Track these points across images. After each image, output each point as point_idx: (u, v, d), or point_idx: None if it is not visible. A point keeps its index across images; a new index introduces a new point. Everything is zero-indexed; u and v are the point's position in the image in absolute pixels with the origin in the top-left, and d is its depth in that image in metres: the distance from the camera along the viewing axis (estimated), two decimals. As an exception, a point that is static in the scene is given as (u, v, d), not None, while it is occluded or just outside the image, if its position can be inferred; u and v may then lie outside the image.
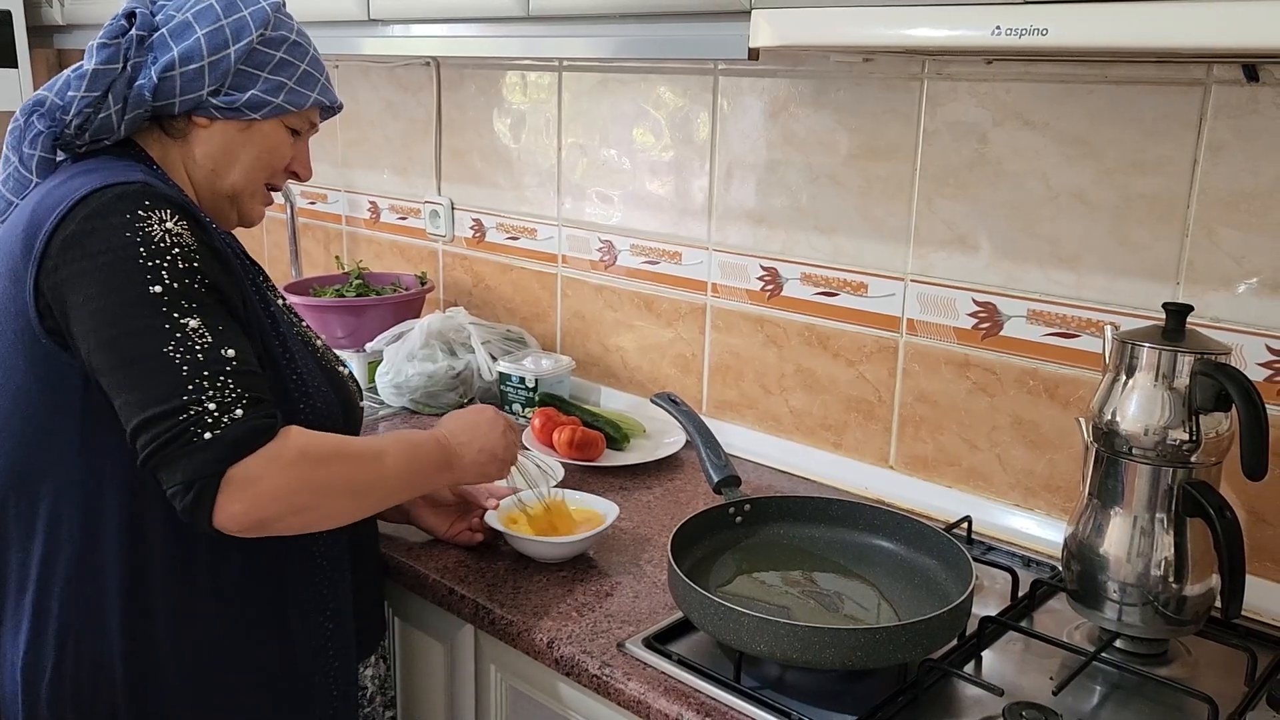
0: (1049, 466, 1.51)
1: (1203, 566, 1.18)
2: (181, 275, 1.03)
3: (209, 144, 1.19)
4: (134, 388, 1.00)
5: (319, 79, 1.24)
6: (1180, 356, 1.15)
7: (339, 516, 1.12)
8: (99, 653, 1.09)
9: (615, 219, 1.99)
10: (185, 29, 1.15)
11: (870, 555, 1.36)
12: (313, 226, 2.68)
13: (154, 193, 1.05)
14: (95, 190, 1.04)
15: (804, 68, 1.66)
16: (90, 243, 1.02)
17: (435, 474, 1.23)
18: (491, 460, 1.28)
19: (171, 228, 1.04)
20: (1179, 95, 1.32)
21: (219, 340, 1.03)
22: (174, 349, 1.00)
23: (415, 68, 2.29)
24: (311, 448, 1.06)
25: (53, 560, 1.08)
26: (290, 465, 1.03)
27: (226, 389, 1.01)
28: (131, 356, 1.00)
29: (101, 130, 1.14)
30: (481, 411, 1.31)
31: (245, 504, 1.00)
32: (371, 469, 1.12)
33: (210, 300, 1.05)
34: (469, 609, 1.32)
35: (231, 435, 0.99)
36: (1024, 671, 1.21)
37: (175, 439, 0.98)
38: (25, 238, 1.05)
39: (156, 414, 0.99)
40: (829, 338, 1.71)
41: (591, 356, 2.08)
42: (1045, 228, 1.46)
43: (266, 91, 1.19)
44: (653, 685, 1.14)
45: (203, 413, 0.99)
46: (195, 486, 0.98)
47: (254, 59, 1.18)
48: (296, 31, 1.23)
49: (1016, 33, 1.04)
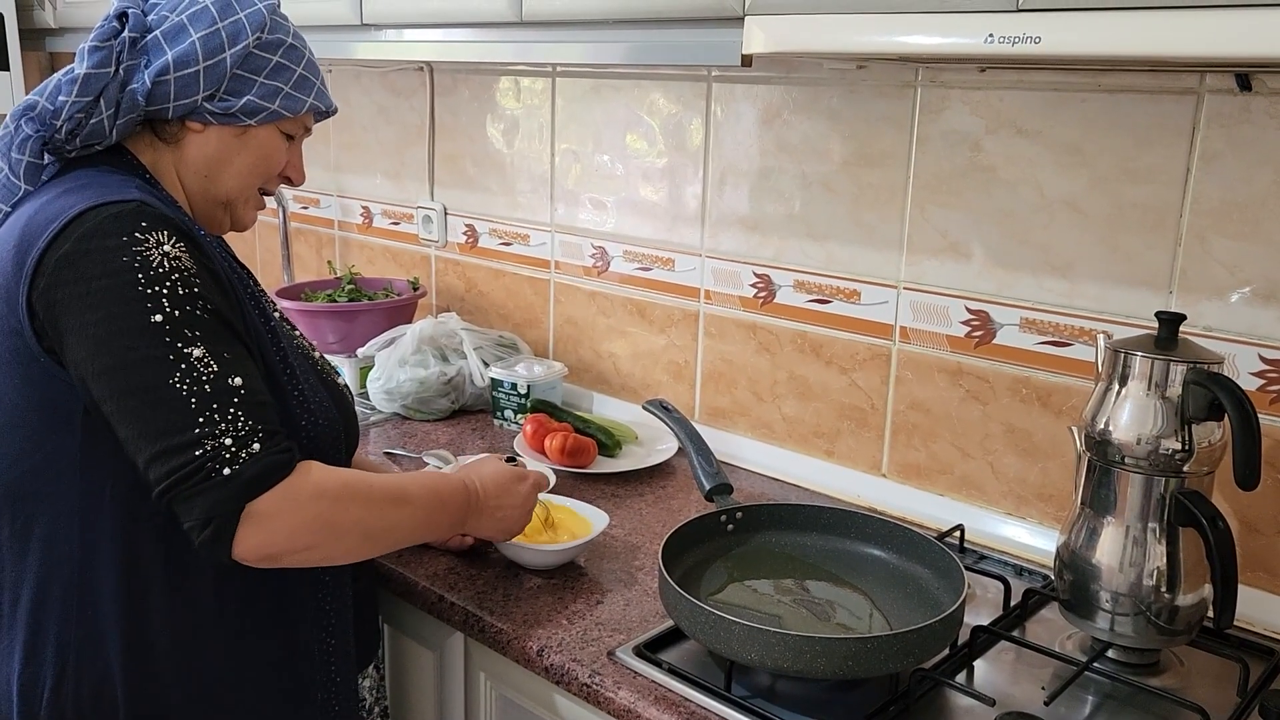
0: (1041, 475, 1.51)
1: (1195, 576, 1.18)
2: (182, 302, 1.00)
3: (203, 150, 1.17)
4: (141, 420, 0.98)
5: (314, 83, 1.22)
6: (1173, 366, 1.15)
7: (346, 556, 1.11)
8: (99, 671, 1.07)
9: (608, 225, 1.98)
10: (180, 32, 1.12)
11: (862, 564, 1.36)
12: (305, 231, 2.68)
13: (150, 213, 1.02)
14: (90, 208, 1.01)
15: (797, 75, 1.65)
16: (85, 265, 0.99)
17: (451, 526, 1.24)
18: (501, 530, 1.29)
19: (169, 251, 1.01)
20: (1172, 104, 1.32)
21: (224, 369, 1.00)
22: (179, 380, 0.98)
23: (408, 72, 2.29)
24: (329, 485, 1.04)
25: (49, 578, 1.07)
26: (308, 502, 1.02)
27: (239, 421, 0.99)
28: (135, 387, 0.98)
29: (93, 136, 1.11)
30: (522, 480, 1.31)
31: (261, 538, 0.99)
32: (388, 514, 1.11)
33: (212, 326, 1.02)
34: (459, 616, 1.31)
35: (250, 472, 0.98)
36: (1016, 681, 1.20)
37: (192, 475, 0.96)
38: (17, 255, 1.03)
39: (170, 447, 0.97)
40: (822, 345, 1.71)
41: (584, 363, 2.08)
42: (1038, 236, 1.46)
43: (262, 97, 1.16)
44: (643, 694, 1.14)
45: (220, 448, 0.97)
46: (214, 523, 0.97)
47: (250, 63, 1.15)
48: (292, 34, 1.20)
49: (1009, 41, 1.04)
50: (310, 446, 1.11)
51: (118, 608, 1.06)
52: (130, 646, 1.07)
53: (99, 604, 1.06)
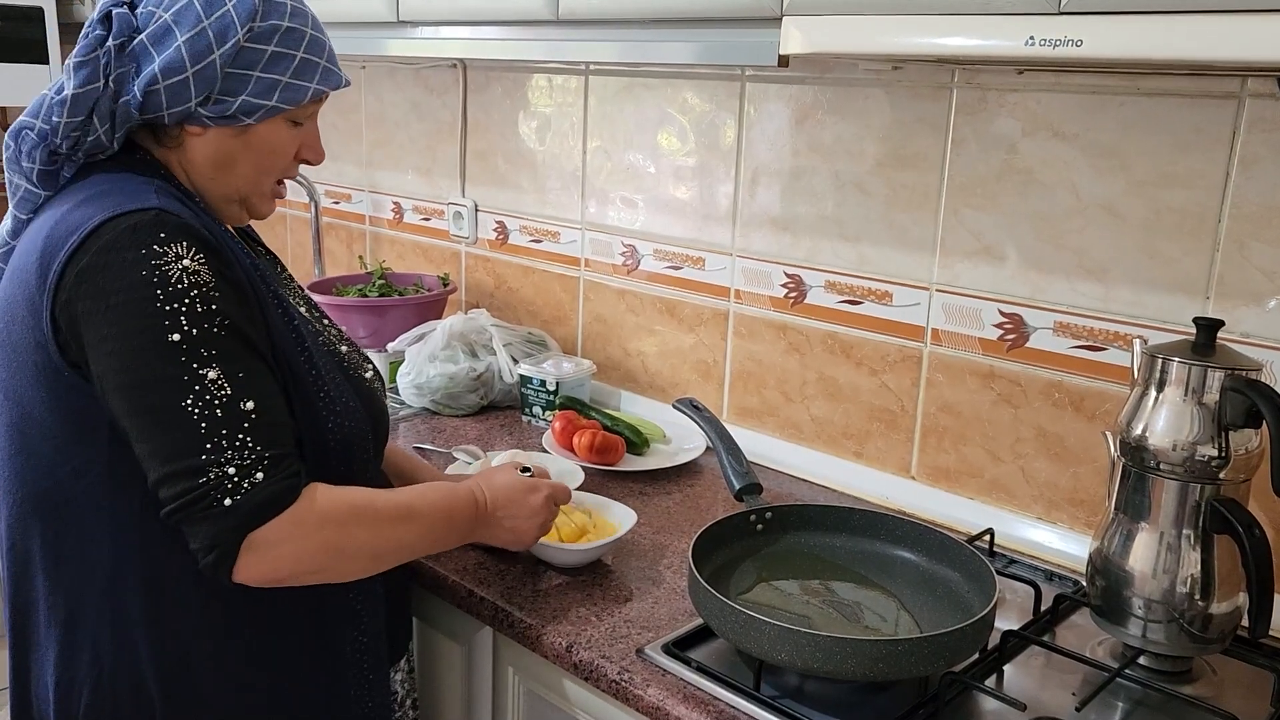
0: (1073, 480, 1.50)
1: (1229, 584, 1.17)
2: (200, 320, 0.99)
3: (204, 151, 1.12)
4: (152, 439, 0.98)
5: (319, 63, 1.13)
6: (1211, 372, 1.14)
7: (355, 576, 1.12)
8: (134, 676, 1.08)
9: (639, 223, 1.99)
10: (166, 35, 1.06)
11: (892, 566, 1.35)
12: (336, 226, 2.69)
13: (170, 222, 1.00)
14: (109, 220, 0.99)
15: (832, 75, 1.65)
16: (104, 279, 0.98)
17: (460, 537, 1.23)
18: (517, 542, 1.28)
19: (189, 265, 0.99)
20: (1212, 108, 1.31)
21: (238, 391, 1.00)
22: (192, 403, 0.98)
23: (442, 69, 2.30)
24: (335, 511, 1.04)
25: (83, 586, 1.08)
26: (314, 529, 1.02)
27: (246, 449, 0.99)
28: (148, 406, 0.98)
29: (94, 148, 1.08)
30: (534, 492, 1.28)
31: (265, 567, 1.00)
32: (395, 533, 1.11)
33: (230, 344, 1.01)
34: (488, 611, 1.32)
35: (251, 503, 0.98)
36: (1046, 687, 1.20)
37: (196, 501, 0.97)
38: (40, 267, 1.01)
39: (176, 471, 0.97)
40: (852, 346, 1.71)
41: (612, 360, 2.08)
42: (1073, 239, 1.45)
43: (259, 94, 1.09)
44: (672, 692, 1.14)
45: (223, 477, 0.97)
46: (216, 551, 0.98)
47: (243, 59, 1.08)
48: (290, 14, 1.11)
49: (1050, 43, 1.04)
50: (338, 449, 1.11)
51: (151, 614, 1.07)
52: (164, 651, 1.08)
53: (132, 610, 1.07)
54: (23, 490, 1.09)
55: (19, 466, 1.08)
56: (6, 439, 1.09)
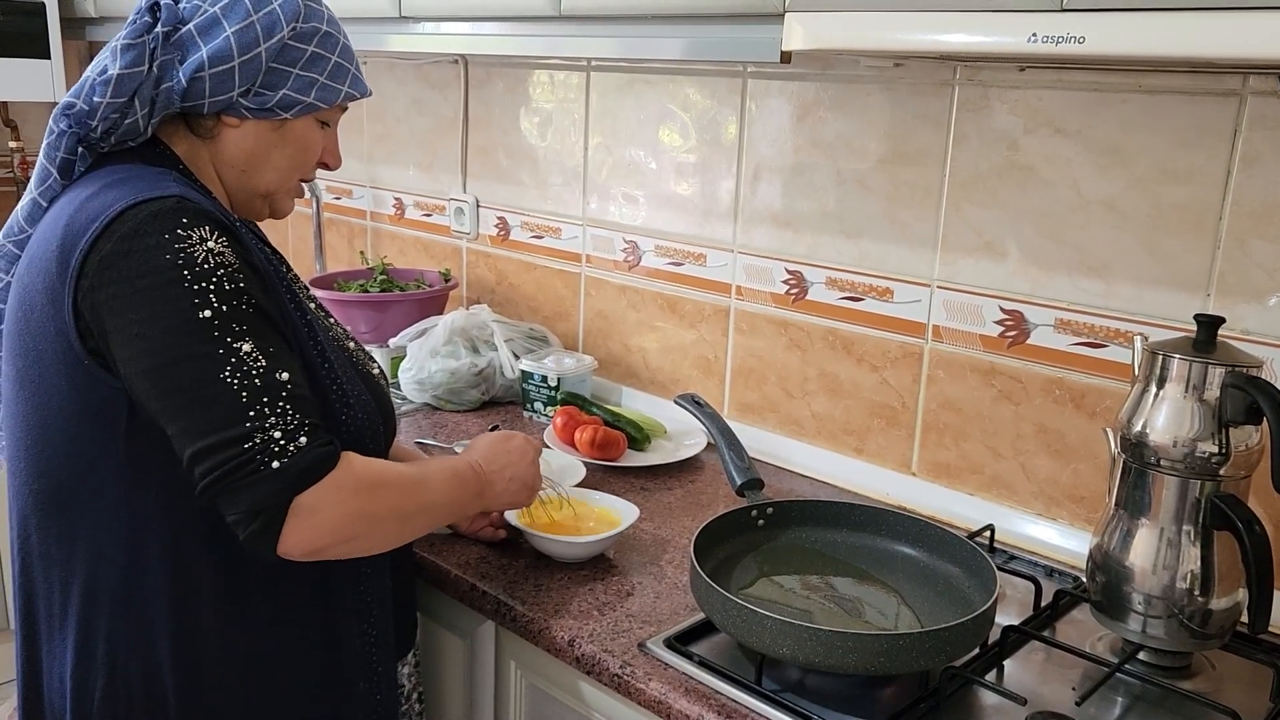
0: (1073, 476, 1.50)
1: (1229, 580, 1.17)
2: (229, 297, 1.00)
3: (240, 144, 1.15)
4: (190, 415, 0.98)
5: (350, 69, 1.20)
6: (1211, 368, 1.14)
7: (384, 544, 1.12)
8: (149, 669, 1.08)
9: (640, 219, 1.99)
10: (214, 25, 1.10)
11: (892, 561, 1.36)
12: (337, 221, 2.70)
13: (190, 208, 1.02)
14: (130, 207, 1.00)
15: (833, 72, 1.65)
16: (128, 265, 0.99)
17: (471, 501, 1.24)
18: (522, 489, 1.29)
19: (214, 247, 1.01)
20: (1213, 105, 1.31)
21: (273, 363, 1.01)
22: (230, 374, 0.98)
23: (443, 65, 2.30)
24: (368, 475, 1.05)
25: (97, 579, 1.08)
26: (350, 495, 1.02)
27: (288, 415, 0.99)
28: (185, 384, 0.98)
29: (128, 134, 1.10)
30: (510, 439, 1.30)
31: (309, 532, 1.00)
32: (417, 496, 1.13)
33: (259, 321, 1.02)
34: (490, 605, 1.32)
35: (300, 464, 0.98)
36: (1046, 681, 1.20)
37: (241, 467, 0.97)
38: (60, 256, 1.02)
39: (219, 441, 0.97)
40: (853, 342, 1.71)
41: (613, 356, 2.09)
42: (1074, 236, 1.45)
43: (298, 90, 1.14)
44: (674, 685, 1.14)
45: (269, 440, 0.97)
46: (262, 516, 0.97)
47: (285, 55, 1.13)
48: (327, 20, 1.18)
49: (1053, 40, 1.04)
50: (350, 440, 1.11)
51: (165, 608, 1.07)
52: (179, 646, 1.08)
53: (147, 605, 1.07)
54: (38, 482, 1.09)
55: (35, 458, 1.09)
56: (23, 430, 1.10)
